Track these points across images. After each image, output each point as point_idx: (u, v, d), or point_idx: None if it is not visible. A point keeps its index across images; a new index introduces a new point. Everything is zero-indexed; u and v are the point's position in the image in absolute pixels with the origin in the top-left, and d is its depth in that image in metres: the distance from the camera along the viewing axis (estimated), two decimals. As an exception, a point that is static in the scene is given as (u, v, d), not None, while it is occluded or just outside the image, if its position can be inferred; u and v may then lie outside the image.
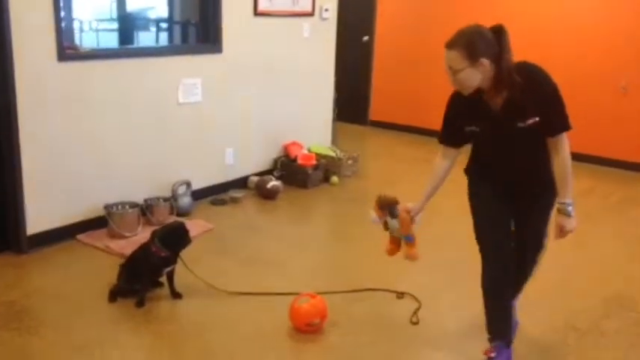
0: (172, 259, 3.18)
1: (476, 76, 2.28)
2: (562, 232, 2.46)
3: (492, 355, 2.59)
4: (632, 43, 6.03)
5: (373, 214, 2.68)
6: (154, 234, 3.17)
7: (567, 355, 2.83)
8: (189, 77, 4.47)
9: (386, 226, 2.68)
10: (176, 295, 3.23)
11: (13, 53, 3.39)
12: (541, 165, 2.42)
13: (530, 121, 2.32)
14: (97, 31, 8.17)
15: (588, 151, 6.41)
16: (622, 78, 6.13)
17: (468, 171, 2.68)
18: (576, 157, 7.02)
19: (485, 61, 2.25)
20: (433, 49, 7.42)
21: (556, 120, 2.32)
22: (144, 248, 3.19)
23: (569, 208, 2.43)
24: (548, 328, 3.08)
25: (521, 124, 2.33)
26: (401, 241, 2.68)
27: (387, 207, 2.65)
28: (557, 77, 2.35)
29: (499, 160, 2.54)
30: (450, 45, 2.28)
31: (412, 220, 2.61)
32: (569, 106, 2.34)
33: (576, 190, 2.50)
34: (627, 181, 5.86)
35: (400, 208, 2.62)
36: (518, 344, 2.88)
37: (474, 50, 2.23)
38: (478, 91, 2.37)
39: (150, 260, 3.13)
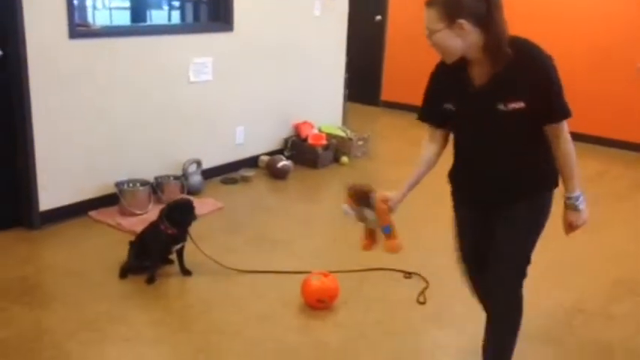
0: (181, 237, 3.21)
1: (453, 40, 1.96)
2: (572, 227, 2.25)
3: None
4: (649, 24, 5.94)
5: (345, 206, 2.38)
6: (162, 212, 3.20)
7: (571, 336, 2.84)
8: (200, 56, 4.47)
9: (360, 218, 2.40)
10: (186, 272, 3.27)
11: (25, 30, 3.40)
12: (528, 165, 2.13)
13: (513, 105, 1.99)
14: (110, 9, 8.19)
15: (600, 133, 6.35)
16: (638, 59, 6.04)
17: (450, 175, 2.40)
18: (588, 139, 6.97)
19: (466, 24, 1.92)
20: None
21: (556, 105, 2.01)
22: (153, 226, 3.23)
23: (578, 202, 2.20)
24: (556, 309, 3.08)
25: (501, 107, 2.00)
26: (378, 233, 2.42)
27: (361, 197, 2.38)
28: (571, 59, 2.25)
29: (478, 155, 2.19)
30: (429, 2, 1.98)
31: (390, 209, 2.35)
32: (584, 88, 2.22)
33: (587, 174, 2.47)
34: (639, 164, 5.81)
35: (376, 197, 2.35)
36: (524, 321, 2.88)
37: (452, 10, 1.92)
38: (463, 62, 2.05)
39: (159, 238, 3.16)
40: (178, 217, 3.16)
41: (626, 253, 3.80)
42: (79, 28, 3.67)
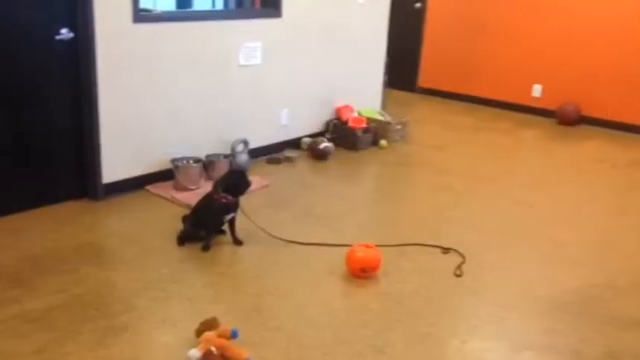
0: (234, 206, 3.45)
1: None
2: None
3: None
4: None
5: (193, 351, 2.38)
6: (215, 183, 3.45)
7: (603, 310, 3.00)
8: (251, 41, 4.70)
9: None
10: (237, 242, 3.52)
11: (95, 14, 3.68)
12: None
13: None
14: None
15: (638, 121, 6.42)
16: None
17: None
18: (628, 127, 7.03)
19: None
20: (484, 18, 7.46)
21: None
22: (207, 197, 3.48)
23: None
24: (587, 285, 3.25)
25: None
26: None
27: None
28: (610, 47, 2.43)
29: None
30: None
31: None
32: (620, 76, 2.36)
33: (624, 160, 2.61)
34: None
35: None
36: (555, 295, 3.07)
37: None
38: None
39: (213, 207, 3.41)
40: (233, 184, 3.40)
41: (658, 237, 3.93)
42: (141, 13, 3.94)
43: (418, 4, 7.91)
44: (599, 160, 5.50)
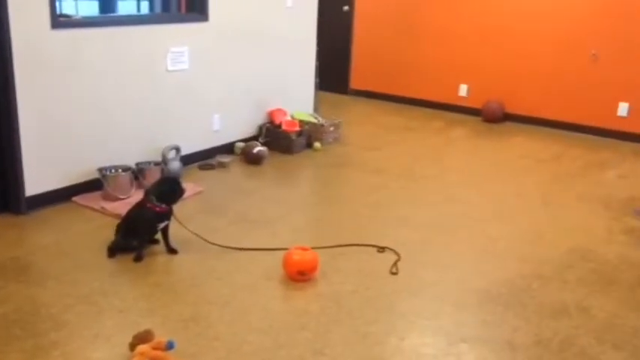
0: (167, 215, 3.37)
1: None
2: None
3: None
4: (603, 12, 6.29)
5: None
6: (147, 191, 3.36)
7: (532, 299, 3.12)
8: (177, 45, 4.61)
9: None
10: (172, 250, 3.44)
11: (10, 21, 3.51)
12: None
13: None
14: (77, 0, 8.18)
15: (560, 117, 6.73)
16: (593, 46, 6.40)
17: None
18: (549, 123, 7.35)
19: None
20: (411, 19, 7.63)
21: None
22: (139, 205, 3.38)
23: None
24: (517, 276, 3.36)
25: None
26: None
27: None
28: (531, 46, 2.54)
29: None
30: None
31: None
32: (543, 74, 2.50)
33: (547, 155, 2.72)
34: (594, 146, 6.18)
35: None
36: (488, 287, 3.17)
37: None
38: None
39: (145, 216, 3.32)
40: (167, 192, 3.33)
41: (579, 226, 4.12)
42: (60, 19, 3.79)
43: (346, 7, 8.00)
44: (523, 156, 5.72)
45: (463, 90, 7.33)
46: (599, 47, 6.37)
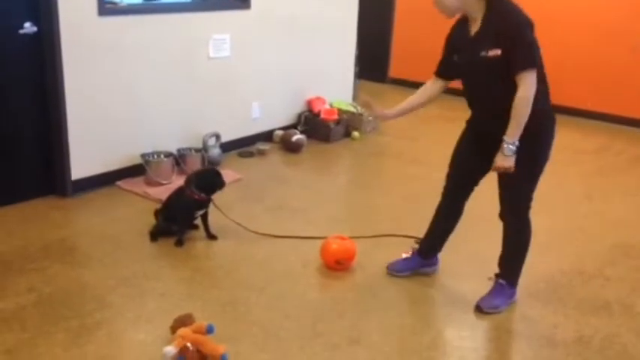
0: (205, 203, 3.43)
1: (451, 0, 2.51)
2: (495, 167, 2.59)
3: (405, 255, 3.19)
4: (652, 3, 6.09)
5: (169, 349, 2.33)
6: (188, 178, 3.42)
7: (572, 295, 3.07)
8: (219, 33, 4.65)
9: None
10: (211, 236, 3.49)
11: (58, 7, 3.59)
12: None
13: (492, 53, 2.45)
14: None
15: (605, 109, 6.55)
16: (636, 36, 6.20)
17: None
18: (593, 115, 7.15)
19: None
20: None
21: (516, 56, 2.41)
22: (179, 192, 3.45)
23: (506, 147, 2.50)
24: (557, 271, 3.31)
25: (483, 53, 2.47)
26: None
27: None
28: (575, 36, 2.49)
29: (474, 96, 2.70)
30: None
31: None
32: (587, 64, 2.47)
33: (591, 147, 2.66)
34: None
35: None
36: (528, 282, 3.13)
37: None
38: (466, 19, 2.59)
39: (184, 203, 3.38)
40: (208, 183, 3.38)
41: (622, 221, 4.02)
42: (107, 6, 3.86)
43: (388, -5, 7.92)
44: (566, 148, 5.59)
45: (505, 80, 7.20)
46: (648, 37, 6.17)
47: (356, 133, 5.60)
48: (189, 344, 2.36)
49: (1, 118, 3.63)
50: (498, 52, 2.43)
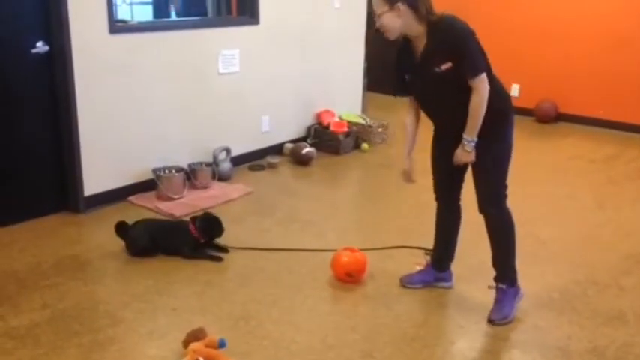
0: (200, 244, 3.47)
1: (395, 21, 2.58)
2: (456, 159, 2.78)
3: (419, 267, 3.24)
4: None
5: None
6: (193, 218, 3.48)
7: (586, 305, 3.04)
8: (228, 48, 4.70)
9: None
10: (221, 248, 3.50)
11: (70, 27, 3.65)
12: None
13: (444, 67, 2.56)
14: (132, 4, 8.44)
15: (616, 117, 6.51)
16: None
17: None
18: (604, 124, 7.13)
19: (402, 7, 2.54)
20: (465, 17, 7.50)
21: (465, 65, 2.55)
22: (180, 223, 3.56)
23: (466, 144, 2.69)
24: (570, 281, 3.29)
25: (437, 69, 2.57)
26: None
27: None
28: (586, 44, 2.50)
29: (432, 109, 2.82)
30: None
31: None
32: (597, 73, 2.48)
33: (602, 156, 2.65)
34: (653, 147, 5.96)
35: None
36: (541, 292, 3.10)
37: None
38: (408, 39, 2.67)
39: (187, 238, 3.43)
40: (208, 229, 3.46)
41: (635, 230, 3.99)
42: (117, 24, 3.91)
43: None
44: (577, 157, 5.57)
45: (515, 90, 7.18)
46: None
47: (365, 145, 5.61)
48: (201, 359, 2.36)
49: (15, 135, 3.68)
50: (450, 64, 2.56)
